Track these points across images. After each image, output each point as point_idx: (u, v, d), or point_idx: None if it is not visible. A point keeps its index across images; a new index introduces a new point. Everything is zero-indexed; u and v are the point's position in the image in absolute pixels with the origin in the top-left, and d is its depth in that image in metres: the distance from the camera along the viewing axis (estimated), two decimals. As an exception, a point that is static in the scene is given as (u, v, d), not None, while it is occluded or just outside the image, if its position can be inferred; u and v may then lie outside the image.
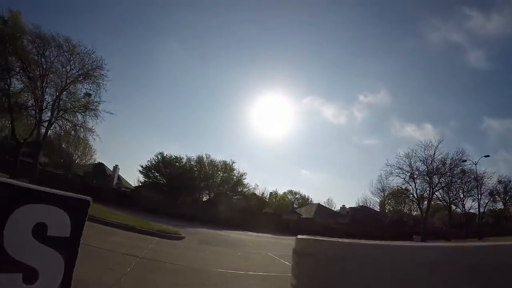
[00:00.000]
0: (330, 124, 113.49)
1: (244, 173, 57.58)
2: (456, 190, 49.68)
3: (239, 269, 10.99)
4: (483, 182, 48.28)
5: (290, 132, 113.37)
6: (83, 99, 34.52)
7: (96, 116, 34.49)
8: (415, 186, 48.97)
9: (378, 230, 44.93)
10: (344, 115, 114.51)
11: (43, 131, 33.43)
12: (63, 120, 34.20)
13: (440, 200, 50.88)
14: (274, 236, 32.00)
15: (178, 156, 56.65)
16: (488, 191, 49.67)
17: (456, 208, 52.32)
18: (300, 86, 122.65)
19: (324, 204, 73.47)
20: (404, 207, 57.72)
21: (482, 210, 49.75)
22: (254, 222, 43.52)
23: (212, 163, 57.00)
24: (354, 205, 66.82)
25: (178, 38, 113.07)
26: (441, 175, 47.97)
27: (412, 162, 48.57)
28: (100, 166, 64.10)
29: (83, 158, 57.19)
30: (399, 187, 51.13)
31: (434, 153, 47.61)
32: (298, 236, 4.15)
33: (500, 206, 52.92)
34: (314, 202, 73.87)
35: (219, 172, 57.22)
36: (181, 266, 9.80)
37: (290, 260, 8.93)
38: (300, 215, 58.98)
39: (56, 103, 32.52)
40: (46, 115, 33.16)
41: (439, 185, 48.31)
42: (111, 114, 35.28)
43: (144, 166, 56.19)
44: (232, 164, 56.80)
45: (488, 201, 50.72)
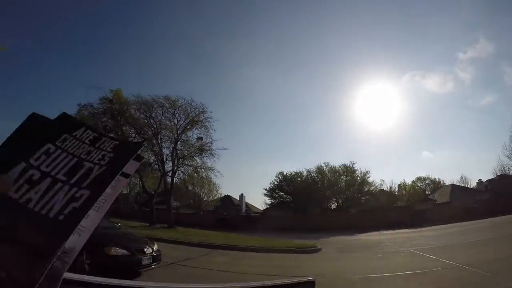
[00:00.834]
0: (438, 95, 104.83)
1: (366, 171, 55.71)
2: None
3: (382, 271, 10.74)
4: None
5: (398, 117, 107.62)
6: (196, 144, 36.85)
7: (212, 155, 36.56)
8: None
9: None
10: (449, 80, 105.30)
11: (169, 180, 36.12)
12: (184, 166, 36.87)
13: None
14: (411, 230, 30.56)
15: (298, 171, 57.10)
16: None
17: None
18: (394, 66, 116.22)
19: (458, 184, 68.64)
20: None
21: None
22: (387, 219, 41.80)
23: (332, 170, 56.18)
24: (491, 176, 61.30)
25: (256, 64, 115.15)
26: None
27: None
28: (227, 198, 67.06)
29: (210, 194, 60.30)
30: None
31: None
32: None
33: None
34: (447, 184, 69.33)
35: (342, 177, 56.03)
36: (321, 278, 9.53)
37: (435, 254, 8.58)
38: (434, 202, 55.57)
39: (174, 153, 35.20)
40: (168, 166, 36.12)
41: None
42: (225, 149, 37.15)
43: (267, 189, 57.63)
44: (352, 165, 55.41)
45: None
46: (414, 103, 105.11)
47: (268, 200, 59.31)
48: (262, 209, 63.04)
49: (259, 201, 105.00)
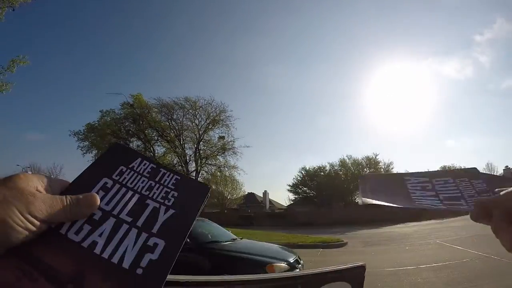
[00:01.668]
0: (458, 81, 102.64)
1: (390, 162, 55.34)
2: None
3: (409, 264, 10.78)
4: None
5: (419, 106, 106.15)
6: (218, 143, 37.16)
7: (235, 154, 36.82)
8: None
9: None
10: (468, 65, 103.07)
11: (194, 180, 36.37)
12: (207, 165, 37.27)
13: None
14: (438, 221, 30.24)
15: (321, 165, 57.00)
16: None
17: None
18: (410, 55, 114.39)
19: (484, 171, 67.38)
20: None
21: None
22: (412, 211, 41.18)
23: (355, 162, 55.98)
24: (519, 162, 60.29)
25: (277, 61, 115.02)
26: None
27: None
28: (251, 195, 67.37)
29: (234, 192, 60.40)
30: None
31: None
32: None
33: None
34: (473, 173, 68.37)
35: (365, 169, 55.38)
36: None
37: (463, 245, 8.58)
38: (460, 191, 54.92)
39: (197, 154, 35.70)
40: (192, 166, 36.56)
41: None
42: (248, 147, 37.29)
43: (291, 185, 57.74)
44: (375, 157, 55.22)
45: None
46: (433, 91, 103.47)
47: (292, 196, 59.49)
48: (286, 205, 63.21)
49: (282, 197, 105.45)
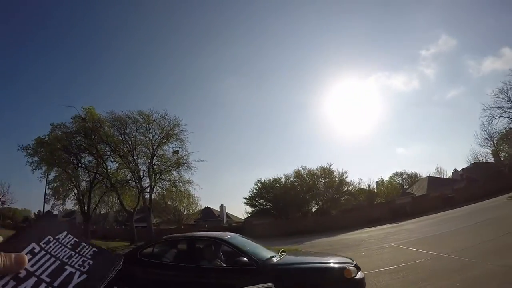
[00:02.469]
0: (405, 93, 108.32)
1: (344, 172, 55.78)
2: None
3: (366, 269, 10.77)
4: None
5: (370, 117, 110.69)
6: (172, 158, 36.56)
7: (189, 168, 36.36)
8: None
9: (500, 183, 41.80)
10: (414, 78, 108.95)
11: (148, 196, 35.59)
12: (162, 181, 36.40)
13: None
14: (393, 225, 30.93)
15: (276, 177, 57.11)
16: None
17: None
18: (358, 70, 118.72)
19: (434, 175, 70.08)
20: None
21: None
22: (368, 216, 42.00)
23: (310, 173, 56.13)
24: (466, 165, 62.84)
25: (230, 72, 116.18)
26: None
27: (510, 95, 42.08)
28: (208, 210, 66.92)
29: (190, 208, 59.63)
30: (507, 129, 44.63)
31: (531, 75, 40.82)
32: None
33: None
34: (424, 177, 70.80)
35: (320, 179, 55.92)
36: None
37: (417, 246, 8.75)
38: (413, 195, 56.63)
39: (151, 169, 34.79)
40: (146, 182, 35.61)
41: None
42: (202, 161, 36.94)
43: (247, 197, 57.38)
44: (329, 167, 55.56)
45: None
46: (382, 103, 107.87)
47: (249, 209, 59.16)
48: (243, 218, 62.95)
49: (240, 210, 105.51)
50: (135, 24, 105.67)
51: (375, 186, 62.30)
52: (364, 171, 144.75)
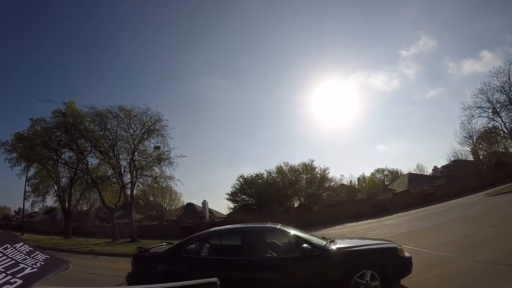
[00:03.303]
0: (386, 92, 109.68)
1: (326, 168, 56.13)
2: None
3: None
4: None
5: (351, 115, 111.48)
6: (154, 153, 35.99)
7: (171, 164, 35.86)
8: (502, 121, 42.92)
9: (478, 181, 42.72)
10: (395, 78, 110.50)
11: (129, 192, 35.17)
12: (143, 177, 35.83)
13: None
14: (374, 220, 31.27)
15: (258, 173, 57.22)
16: None
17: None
18: (339, 69, 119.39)
19: (415, 172, 71.09)
20: (498, 147, 52.12)
21: None
22: (349, 212, 42.27)
23: (292, 169, 56.40)
24: (446, 162, 63.95)
25: (209, 70, 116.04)
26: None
27: (490, 96, 42.53)
28: (190, 206, 66.85)
29: (172, 204, 59.49)
30: (485, 128, 44.67)
31: (510, 77, 41.07)
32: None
33: None
34: (405, 173, 71.76)
35: (302, 175, 56.25)
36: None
37: (396, 240, 8.88)
38: (394, 191, 57.36)
39: (132, 165, 34.28)
40: (127, 178, 35.03)
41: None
42: (184, 156, 36.56)
43: (229, 193, 57.47)
44: (311, 163, 55.76)
45: None
46: (363, 101, 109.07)
47: (231, 204, 59.22)
48: (226, 214, 63.05)
49: (222, 206, 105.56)
50: (118, 21, 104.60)
51: (356, 182, 62.96)
52: (346, 168, 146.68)
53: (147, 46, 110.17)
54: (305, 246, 7.06)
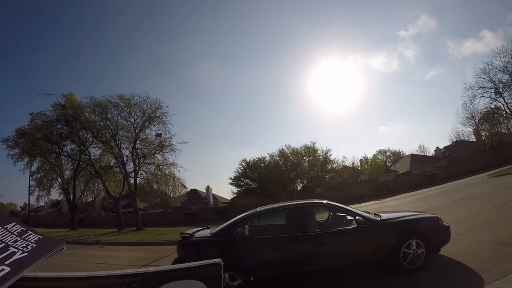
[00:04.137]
0: (385, 74, 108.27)
1: (328, 150, 56.48)
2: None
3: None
4: None
5: (351, 96, 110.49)
6: (155, 141, 36.13)
7: (173, 151, 36.02)
8: (505, 101, 42.54)
9: (481, 161, 42.88)
10: (394, 59, 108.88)
11: (133, 181, 35.31)
12: (146, 165, 36.06)
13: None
14: (376, 201, 31.40)
15: (261, 157, 57.37)
16: None
17: None
18: (338, 50, 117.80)
19: (417, 153, 70.99)
20: (501, 127, 51.55)
21: None
22: (352, 194, 42.32)
23: (294, 152, 56.63)
24: (448, 143, 63.77)
25: (207, 53, 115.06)
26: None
27: (492, 76, 41.56)
28: (194, 192, 67.04)
29: (176, 190, 59.65)
30: (488, 108, 44.18)
31: (513, 56, 40.99)
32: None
33: None
34: (407, 154, 71.64)
35: (304, 158, 56.59)
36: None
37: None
38: (396, 172, 57.43)
39: (134, 153, 34.34)
40: (130, 167, 35.23)
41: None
42: (185, 143, 36.66)
43: (232, 178, 57.80)
44: (313, 145, 56.01)
45: None
46: (362, 83, 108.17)
47: (235, 189, 59.60)
48: (229, 198, 63.30)
49: (226, 191, 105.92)
50: (112, 7, 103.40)
51: (359, 164, 63.06)
52: (348, 150, 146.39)
53: (142, 32, 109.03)
54: (358, 218, 7.38)
